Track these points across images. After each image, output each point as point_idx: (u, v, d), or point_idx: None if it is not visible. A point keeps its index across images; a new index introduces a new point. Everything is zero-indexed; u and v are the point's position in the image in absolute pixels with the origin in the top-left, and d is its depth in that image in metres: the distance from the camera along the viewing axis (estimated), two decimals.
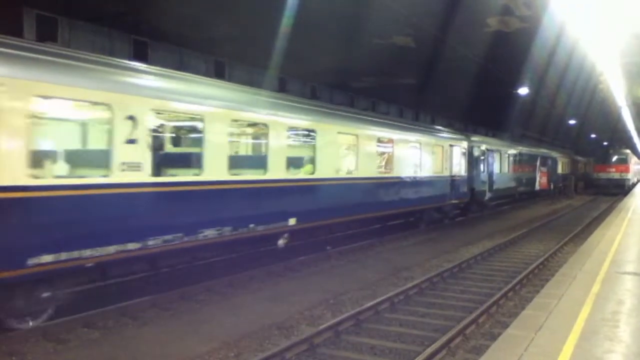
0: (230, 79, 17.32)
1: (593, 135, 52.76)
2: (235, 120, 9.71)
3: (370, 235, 15.18)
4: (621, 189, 41.39)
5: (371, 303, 8.24)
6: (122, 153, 7.31)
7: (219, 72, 17.43)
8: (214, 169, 8.81)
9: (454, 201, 19.31)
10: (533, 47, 16.50)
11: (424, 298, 9.26)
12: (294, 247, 12.98)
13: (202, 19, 13.80)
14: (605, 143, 52.73)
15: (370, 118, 14.79)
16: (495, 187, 24.04)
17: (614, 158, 44.04)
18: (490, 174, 23.50)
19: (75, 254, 6.76)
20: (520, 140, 35.94)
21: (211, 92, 9.10)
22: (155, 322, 7.62)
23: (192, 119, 9.32)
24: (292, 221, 10.64)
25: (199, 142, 8.93)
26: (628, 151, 46.31)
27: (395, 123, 16.34)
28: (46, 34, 12.24)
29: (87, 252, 6.90)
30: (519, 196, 29.80)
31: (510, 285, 9.68)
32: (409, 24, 14.71)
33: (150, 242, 7.70)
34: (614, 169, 43.43)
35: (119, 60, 8.15)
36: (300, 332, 7.15)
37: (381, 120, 15.52)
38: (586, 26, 12.27)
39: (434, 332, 7.31)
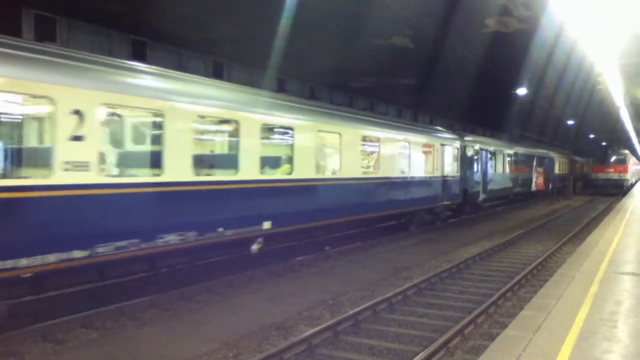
0: (229, 79, 17.33)
1: (592, 136, 52.85)
2: (202, 117, 9.04)
3: (370, 236, 15.19)
4: (620, 190, 41.44)
5: (370, 303, 8.25)
6: (65, 151, 6.63)
7: (217, 73, 17.43)
8: (177, 169, 8.18)
9: (445, 202, 18.74)
10: (532, 48, 16.52)
11: (422, 298, 9.27)
12: (293, 247, 13.01)
13: (201, 19, 13.80)
14: (603, 143, 52.82)
15: (354, 115, 14.15)
16: (489, 187, 23.59)
17: (613, 158, 44.07)
18: (485, 174, 22.97)
19: (8, 263, 6.10)
20: (519, 140, 35.86)
21: (173, 86, 8.45)
22: (154, 323, 7.62)
23: (152, 115, 8.52)
24: (266, 225, 10.01)
25: (159, 139, 8.20)
26: (627, 152, 46.35)
27: (382, 121, 15.76)
28: (45, 34, 12.24)
29: (23, 262, 6.23)
30: (515, 197, 29.32)
31: (508, 286, 9.70)
32: (408, 24, 14.73)
33: (100, 250, 7.06)
34: (612, 170, 43.46)
35: (65, 49, 7.51)
36: (299, 333, 7.16)
37: (367, 118, 14.79)
38: (585, 27, 12.29)
39: (432, 333, 7.33)
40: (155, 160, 8.15)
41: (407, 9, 13.21)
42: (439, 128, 20.97)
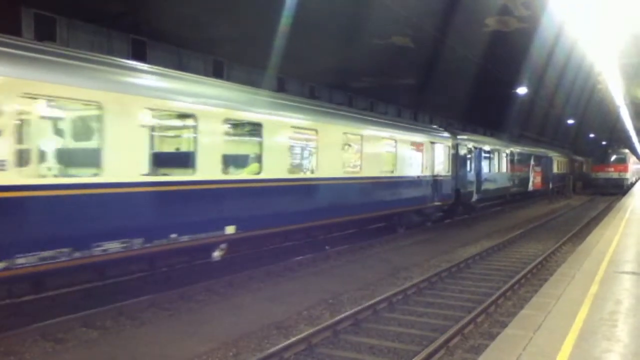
0: (229, 79, 17.32)
1: (592, 135, 52.84)
2: (151, 109, 8.01)
3: (369, 236, 15.18)
4: (619, 189, 41.46)
5: (369, 303, 8.25)
6: None
7: (217, 73, 17.43)
8: (119, 168, 7.37)
9: (436, 203, 17.94)
10: (532, 47, 16.51)
11: (422, 298, 9.28)
12: (294, 247, 13.00)
13: (201, 19, 13.80)
14: (603, 143, 52.83)
15: (333, 111, 13.20)
16: (484, 187, 22.78)
17: (613, 158, 44.11)
18: (479, 174, 22.27)
19: None
20: (518, 140, 35.70)
21: (116, 77, 7.54)
22: (154, 322, 7.62)
23: (86, 107, 7.49)
24: (230, 229, 9.18)
25: (96, 135, 7.34)
26: (627, 151, 46.38)
27: (365, 117, 14.75)
28: (45, 34, 12.23)
29: None
30: (511, 197, 28.57)
31: (508, 285, 9.70)
32: (408, 24, 14.72)
33: (20, 261, 6.24)
34: (612, 169, 43.49)
35: None
36: (299, 332, 7.16)
37: (347, 114, 13.90)
38: (585, 27, 12.30)
39: (432, 332, 7.33)
40: (94, 159, 7.28)
41: (407, 9, 13.20)
42: (431, 126, 20.32)
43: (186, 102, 8.53)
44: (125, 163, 7.51)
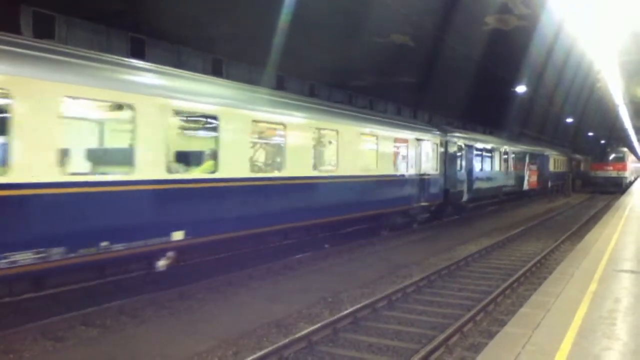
0: (228, 77, 17.28)
1: (591, 134, 52.90)
2: (75, 98, 7.02)
3: (368, 234, 15.20)
4: (618, 187, 41.56)
5: (369, 301, 8.27)
6: None
7: (217, 71, 17.42)
8: (32, 166, 6.37)
9: (423, 203, 16.95)
10: (531, 46, 16.52)
11: (421, 296, 9.29)
12: (294, 245, 12.98)
13: (200, 18, 13.79)
14: (602, 141, 52.91)
15: (303, 104, 12.04)
16: (475, 187, 21.92)
17: (612, 156, 44.24)
18: (470, 173, 21.40)
19: None
20: (515, 137, 35.53)
21: (24, 58, 6.44)
22: (153, 321, 7.63)
23: None
24: (177, 235, 8.17)
25: (3, 128, 6.35)
26: (625, 149, 46.50)
27: (341, 111, 13.62)
28: (44, 32, 12.21)
29: None
30: (505, 196, 27.29)
31: (507, 283, 9.72)
32: (408, 22, 14.71)
33: None
34: (611, 167, 43.60)
35: None
36: (298, 330, 7.16)
37: (319, 107, 12.68)
38: (584, 25, 12.30)
39: (431, 330, 7.34)
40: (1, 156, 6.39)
41: (406, 7, 13.20)
42: (418, 122, 19.78)
43: (124, 91, 7.56)
44: (41, 160, 6.50)
